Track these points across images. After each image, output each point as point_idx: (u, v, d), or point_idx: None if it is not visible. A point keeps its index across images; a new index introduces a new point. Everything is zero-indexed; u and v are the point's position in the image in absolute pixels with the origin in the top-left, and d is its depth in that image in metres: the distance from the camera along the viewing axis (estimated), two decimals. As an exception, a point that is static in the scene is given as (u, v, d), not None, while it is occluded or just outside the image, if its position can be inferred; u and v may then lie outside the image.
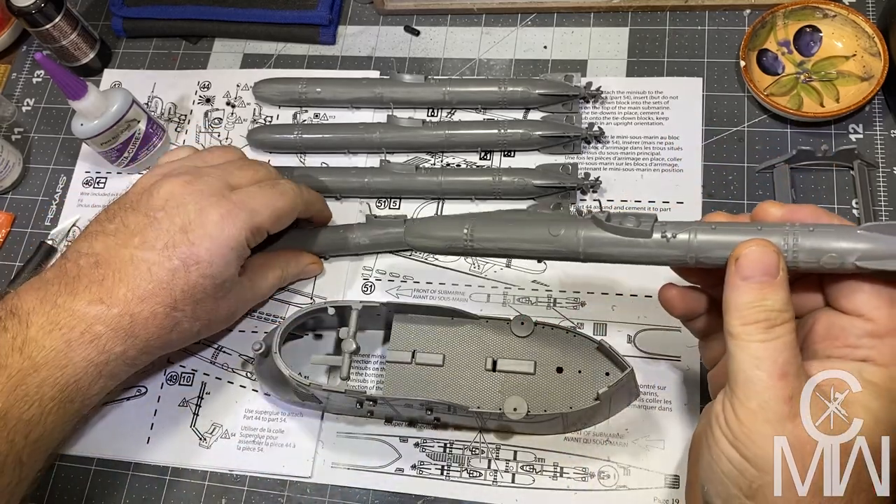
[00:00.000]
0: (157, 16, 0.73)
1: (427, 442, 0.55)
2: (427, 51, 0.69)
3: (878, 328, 0.32)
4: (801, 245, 0.31)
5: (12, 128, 0.74)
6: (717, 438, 0.32)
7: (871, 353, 0.32)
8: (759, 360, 0.31)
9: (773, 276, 0.31)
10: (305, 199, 0.54)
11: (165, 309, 0.46)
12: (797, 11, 0.61)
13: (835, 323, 0.33)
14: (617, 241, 0.35)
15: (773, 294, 0.31)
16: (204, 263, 0.47)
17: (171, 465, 0.57)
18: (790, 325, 0.31)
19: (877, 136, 0.58)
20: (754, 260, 0.31)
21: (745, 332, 0.31)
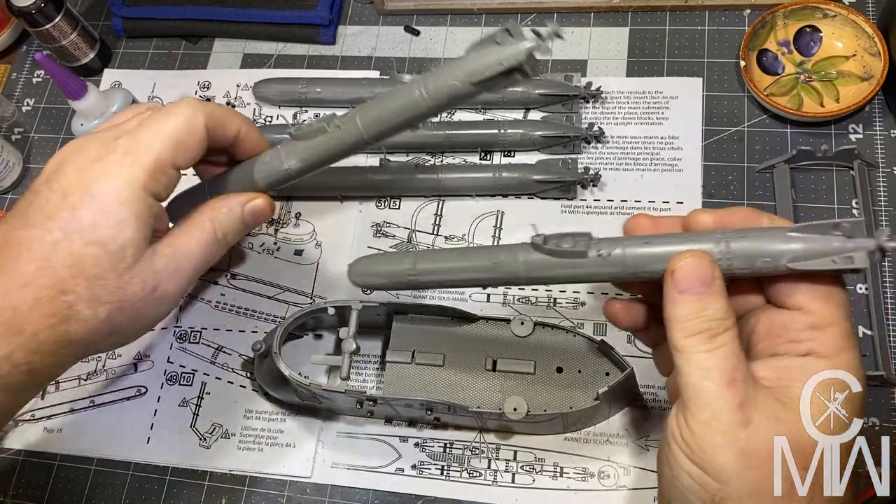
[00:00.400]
0: (157, 16, 0.73)
1: (427, 442, 0.55)
2: (427, 51, 0.69)
3: (819, 320, 0.32)
4: (734, 251, 0.31)
5: (12, 128, 0.74)
6: (675, 453, 0.32)
7: (814, 345, 0.32)
8: (705, 371, 0.31)
9: (710, 286, 0.31)
10: (211, 112, 0.41)
11: (51, 292, 0.37)
12: (797, 11, 0.61)
13: (776, 320, 0.33)
14: (556, 264, 0.35)
15: (712, 303, 0.31)
16: (87, 227, 0.37)
17: (171, 465, 0.57)
18: (732, 331, 0.31)
19: (877, 136, 0.58)
20: (689, 272, 0.31)
21: (689, 345, 0.31)
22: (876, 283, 0.53)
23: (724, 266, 0.32)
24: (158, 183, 0.39)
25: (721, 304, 0.31)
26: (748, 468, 0.30)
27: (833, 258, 0.30)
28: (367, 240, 0.62)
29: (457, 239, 0.61)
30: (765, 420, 0.30)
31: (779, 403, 0.31)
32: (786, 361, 0.32)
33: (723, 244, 0.32)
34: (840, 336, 0.31)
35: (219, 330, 0.61)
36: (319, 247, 0.63)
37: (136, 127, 0.40)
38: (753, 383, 0.31)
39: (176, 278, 0.41)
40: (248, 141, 0.45)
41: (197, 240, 0.42)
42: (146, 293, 0.40)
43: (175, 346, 0.61)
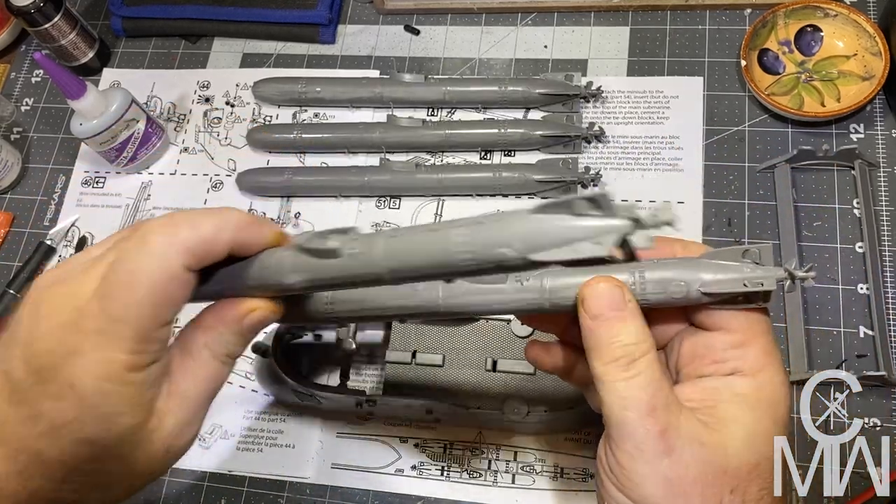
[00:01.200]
0: (156, 15, 0.73)
1: (427, 442, 0.54)
2: (427, 50, 0.69)
3: (740, 338, 0.31)
4: (648, 278, 0.31)
5: (11, 127, 0.74)
6: (605, 484, 0.32)
7: (738, 364, 0.31)
8: (625, 400, 0.30)
9: (621, 310, 0.31)
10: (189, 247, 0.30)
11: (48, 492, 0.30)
12: (798, 11, 0.61)
13: (699, 341, 0.33)
14: (476, 290, 0.34)
15: (625, 328, 0.31)
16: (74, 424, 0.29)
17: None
18: (650, 355, 0.31)
19: (878, 136, 0.58)
20: (598, 297, 0.31)
21: (607, 373, 0.31)
22: (876, 284, 0.53)
23: (637, 292, 0.32)
24: (146, 353, 0.30)
25: (635, 327, 0.31)
26: (674, 496, 0.30)
27: (744, 282, 0.30)
28: (366, 240, 0.62)
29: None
30: (688, 446, 0.30)
31: (703, 427, 0.30)
32: (711, 382, 0.32)
33: (637, 273, 0.32)
34: (762, 352, 0.31)
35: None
36: (319, 247, 0.63)
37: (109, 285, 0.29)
38: (676, 409, 0.30)
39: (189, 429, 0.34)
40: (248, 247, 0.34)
41: (202, 378, 0.34)
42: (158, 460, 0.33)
43: (174, 347, 0.61)
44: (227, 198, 0.66)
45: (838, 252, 0.55)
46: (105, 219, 0.67)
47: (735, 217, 0.58)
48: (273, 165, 0.66)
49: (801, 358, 0.52)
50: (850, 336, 0.53)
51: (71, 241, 0.67)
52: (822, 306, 0.54)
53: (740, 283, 0.30)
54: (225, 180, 0.67)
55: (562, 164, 0.61)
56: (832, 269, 0.55)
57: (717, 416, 0.30)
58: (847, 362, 0.52)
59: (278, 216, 0.64)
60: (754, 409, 0.30)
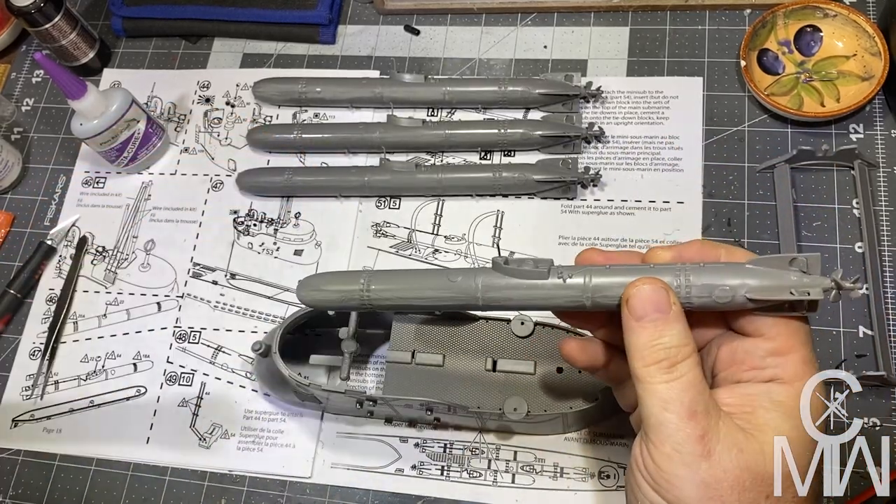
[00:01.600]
0: (156, 15, 0.73)
1: (427, 442, 0.54)
2: (427, 50, 0.69)
3: (780, 346, 0.32)
4: (693, 282, 0.31)
5: (12, 127, 0.74)
6: (640, 483, 0.32)
7: (777, 371, 0.31)
8: (666, 403, 0.30)
9: (666, 312, 0.31)
10: None
11: None
12: (798, 11, 0.61)
13: (738, 347, 0.33)
14: (515, 285, 0.35)
15: (669, 330, 0.31)
16: None
17: (170, 465, 0.57)
18: (692, 359, 0.31)
19: (877, 136, 0.58)
20: (644, 299, 0.31)
21: (649, 374, 0.31)
22: (876, 284, 0.53)
23: (682, 296, 0.32)
24: None
25: (678, 330, 0.31)
26: (710, 499, 0.30)
27: (791, 290, 0.30)
28: (367, 240, 0.62)
29: (457, 238, 0.61)
30: (726, 451, 0.30)
31: (741, 432, 0.30)
32: (749, 388, 0.32)
33: (682, 275, 0.32)
34: (802, 361, 0.31)
35: (218, 330, 0.61)
36: (319, 247, 0.63)
37: None
38: (715, 413, 0.31)
39: None
40: None
41: None
42: None
43: (175, 346, 0.61)
44: (228, 198, 0.66)
45: (838, 252, 0.55)
46: (105, 219, 0.67)
47: (735, 217, 0.58)
48: (273, 165, 0.66)
49: (801, 358, 0.52)
50: (849, 336, 0.53)
51: (71, 241, 0.67)
52: (821, 306, 0.54)
53: (787, 291, 0.30)
54: (225, 180, 0.67)
55: (562, 164, 0.61)
56: (832, 269, 0.55)
57: (754, 422, 0.31)
58: (847, 362, 0.52)
59: (278, 216, 0.64)
60: (792, 419, 0.31)
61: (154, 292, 0.64)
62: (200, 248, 0.64)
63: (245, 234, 0.64)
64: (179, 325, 0.62)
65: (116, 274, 0.65)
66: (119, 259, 0.65)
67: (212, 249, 0.64)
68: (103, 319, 0.63)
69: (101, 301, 0.64)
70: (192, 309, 0.62)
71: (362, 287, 0.38)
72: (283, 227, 0.64)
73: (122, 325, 0.63)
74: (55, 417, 0.60)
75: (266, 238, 0.64)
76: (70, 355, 0.62)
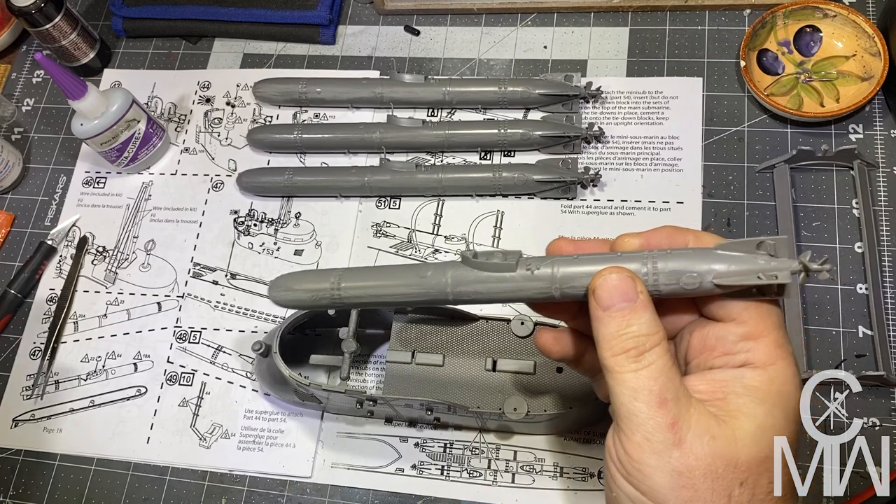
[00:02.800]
0: (157, 16, 0.73)
1: (427, 442, 0.55)
2: (427, 51, 0.69)
3: (751, 330, 0.31)
4: (661, 269, 0.31)
5: (12, 128, 0.74)
6: (613, 475, 0.32)
7: (749, 356, 0.31)
8: (635, 392, 0.30)
9: (633, 301, 0.31)
10: None
11: None
12: (797, 11, 0.61)
13: (709, 333, 0.32)
14: (484, 279, 0.35)
15: (637, 319, 0.31)
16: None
17: (171, 465, 0.57)
18: (661, 347, 0.31)
19: (877, 136, 0.58)
20: (610, 288, 0.31)
21: (617, 364, 0.31)
22: (875, 284, 0.53)
23: (650, 283, 0.31)
24: None
25: (646, 318, 0.31)
26: (682, 487, 0.29)
27: (759, 274, 0.30)
28: (367, 239, 0.62)
29: (457, 239, 0.61)
30: (698, 439, 0.30)
31: (713, 419, 0.30)
32: (721, 374, 0.31)
33: (649, 262, 0.32)
34: (773, 345, 0.31)
35: (219, 330, 0.61)
36: (319, 247, 0.63)
37: None
38: (686, 401, 0.30)
39: None
40: None
41: None
42: None
43: (175, 346, 0.61)
44: (228, 198, 0.66)
45: (837, 252, 0.55)
46: (106, 219, 0.67)
47: (734, 217, 0.58)
48: (273, 165, 0.66)
49: (801, 358, 0.52)
50: (849, 336, 0.53)
51: (72, 241, 0.67)
52: (821, 306, 0.54)
53: (754, 275, 0.30)
54: (225, 180, 0.67)
55: (561, 164, 0.61)
56: (831, 270, 0.55)
57: (727, 408, 0.30)
58: (846, 362, 0.52)
59: (278, 216, 0.64)
60: (765, 403, 0.30)
61: (154, 292, 0.64)
62: (201, 248, 0.65)
63: (245, 234, 0.64)
64: (180, 324, 0.62)
65: (117, 274, 0.65)
66: (119, 259, 0.66)
67: (212, 249, 0.64)
68: (104, 319, 0.63)
69: (102, 301, 0.64)
70: (192, 309, 0.62)
71: (333, 286, 0.37)
72: (284, 227, 0.64)
73: (122, 324, 0.63)
74: (55, 417, 0.60)
75: (266, 238, 0.64)
76: (70, 355, 0.62)
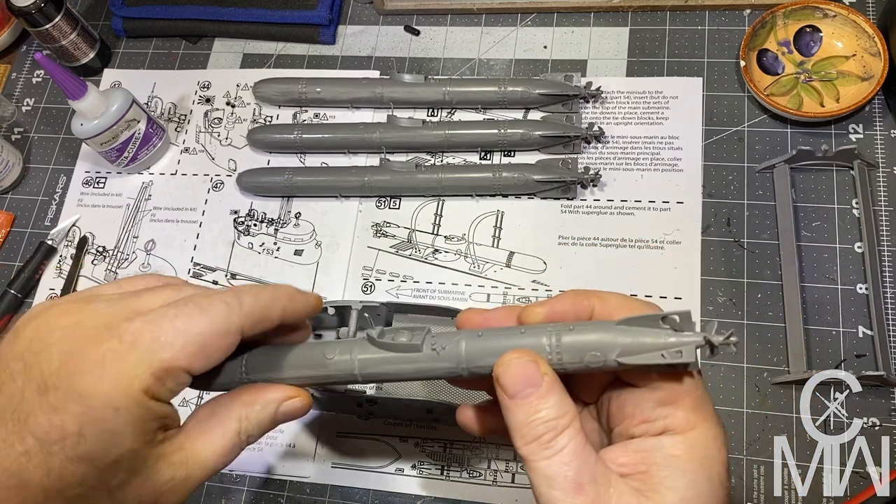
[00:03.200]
0: (157, 16, 0.73)
1: (427, 442, 0.55)
2: (427, 51, 0.69)
3: (667, 395, 0.30)
4: (564, 345, 0.30)
5: (12, 128, 0.74)
6: None
7: (667, 422, 0.30)
8: (550, 480, 0.29)
9: (538, 385, 0.29)
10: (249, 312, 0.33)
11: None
12: (797, 11, 0.61)
13: (627, 399, 0.31)
14: (392, 359, 0.34)
15: (544, 403, 0.29)
16: (71, 438, 0.28)
17: (170, 465, 0.57)
18: (572, 427, 0.29)
19: (877, 136, 0.58)
20: (513, 376, 0.30)
21: (530, 453, 0.29)
22: (875, 284, 0.53)
23: (555, 363, 0.30)
24: (164, 388, 0.30)
25: (554, 401, 0.29)
26: None
27: (662, 353, 0.29)
28: (367, 239, 0.62)
29: (457, 239, 0.61)
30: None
31: (635, 496, 0.29)
32: (642, 444, 0.30)
33: (553, 338, 0.30)
34: (691, 408, 0.30)
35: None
36: (319, 247, 0.63)
37: (157, 314, 0.31)
38: (605, 480, 0.29)
39: (181, 490, 0.33)
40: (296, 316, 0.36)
41: (217, 444, 0.33)
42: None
43: (175, 346, 0.61)
44: (228, 198, 0.66)
45: (837, 252, 0.55)
46: (106, 219, 0.67)
47: (734, 217, 0.58)
48: (273, 165, 0.66)
49: (801, 358, 0.52)
50: (849, 336, 0.53)
51: (72, 241, 0.67)
52: (821, 306, 0.54)
53: (658, 355, 0.29)
54: (225, 180, 0.67)
55: (561, 164, 0.61)
56: (831, 269, 0.55)
57: (650, 482, 0.29)
58: (846, 362, 0.52)
59: (278, 216, 0.64)
60: (687, 473, 0.29)
61: (154, 292, 0.63)
62: (201, 248, 0.65)
63: (245, 234, 0.64)
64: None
65: (117, 274, 0.65)
66: (119, 259, 0.66)
67: (212, 249, 0.64)
68: (103, 319, 0.63)
69: (102, 301, 0.64)
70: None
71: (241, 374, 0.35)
72: (284, 227, 0.64)
73: (122, 325, 0.63)
74: (55, 417, 0.60)
75: (266, 238, 0.64)
76: (70, 355, 0.62)
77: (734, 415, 0.52)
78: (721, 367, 0.53)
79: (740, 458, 0.51)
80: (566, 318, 0.32)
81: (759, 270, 0.56)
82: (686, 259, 0.57)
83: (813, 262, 0.55)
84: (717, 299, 0.55)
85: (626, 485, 0.29)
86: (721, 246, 0.57)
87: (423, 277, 0.60)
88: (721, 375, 0.53)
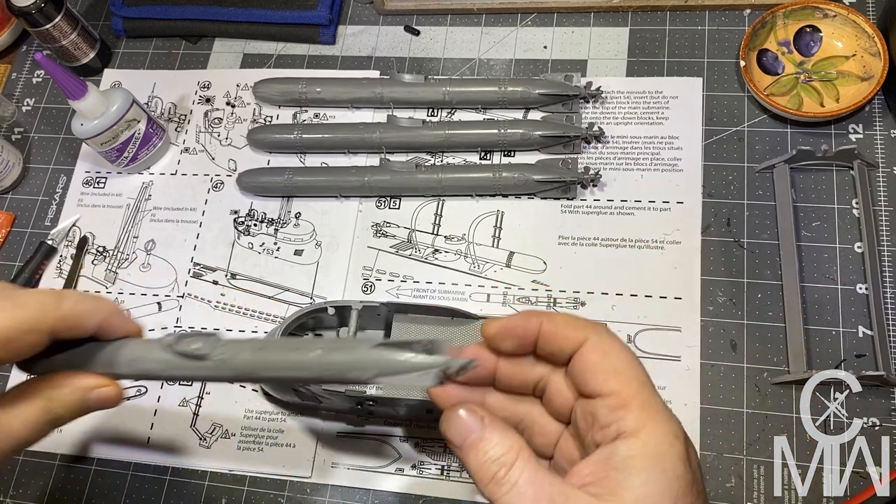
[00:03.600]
0: (157, 16, 0.73)
1: (427, 442, 0.55)
2: (427, 51, 0.69)
3: (617, 399, 0.31)
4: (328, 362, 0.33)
5: (12, 128, 0.74)
6: None
7: (620, 425, 0.31)
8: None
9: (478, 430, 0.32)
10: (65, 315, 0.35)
11: None
12: (797, 11, 0.61)
13: (587, 410, 0.33)
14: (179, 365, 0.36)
15: (489, 444, 0.31)
16: None
17: (171, 465, 0.57)
18: (521, 458, 0.31)
19: (877, 136, 0.58)
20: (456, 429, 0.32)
21: (491, 493, 0.31)
22: (875, 284, 0.53)
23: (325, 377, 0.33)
24: None
25: (497, 439, 0.32)
26: None
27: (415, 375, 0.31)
28: (367, 239, 0.62)
29: (457, 239, 0.61)
30: None
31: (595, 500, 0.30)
32: (602, 452, 0.31)
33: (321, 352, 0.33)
34: (640, 408, 0.31)
35: (219, 330, 0.61)
36: (319, 247, 0.63)
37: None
38: (563, 497, 0.30)
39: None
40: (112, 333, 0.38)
41: (23, 418, 0.35)
42: None
43: (175, 346, 0.61)
44: (228, 198, 0.66)
45: (837, 252, 0.55)
46: (106, 219, 0.67)
47: (734, 217, 0.58)
48: (273, 165, 0.66)
49: (801, 358, 0.52)
50: (849, 336, 0.53)
51: (72, 241, 0.67)
52: (821, 306, 0.54)
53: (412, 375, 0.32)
54: (225, 180, 0.67)
55: (561, 164, 0.61)
56: (831, 269, 0.55)
57: (609, 486, 0.30)
58: (846, 362, 0.52)
59: (279, 216, 0.64)
60: (641, 472, 0.30)
61: (154, 292, 0.64)
62: (201, 248, 0.65)
63: (245, 234, 0.64)
64: (180, 325, 0.62)
65: (117, 274, 0.65)
66: (119, 259, 0.66)
67: (212, 249, 0.64)
68: (104, 319, 0.63)
69: (102, 301, 0.64)
70: (192, 309, 0.62)
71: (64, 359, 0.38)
72: (284, 227, 0.64)
73: (122, 325, 0.63)
74: (55, 417, 0.60)
75: (266, 238, 0.64)
76: (70, 355, 0.62)
77: (734, 415, 0.52)
78: (721, 367, 0.54)
79: (740, 458, 0.51)
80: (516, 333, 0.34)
81: (759, 270, 0.56)
82: (686, 259, 0.57)
83: (813, 262, 0.55)
84: (717, 299, 0.55)
85: (586, 494, 0.30)
86: (721, 246, 0.57)
87: (423, 277, 0.60)
88: (721, 375, 0.53)
